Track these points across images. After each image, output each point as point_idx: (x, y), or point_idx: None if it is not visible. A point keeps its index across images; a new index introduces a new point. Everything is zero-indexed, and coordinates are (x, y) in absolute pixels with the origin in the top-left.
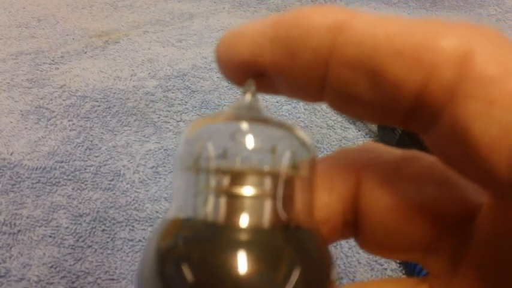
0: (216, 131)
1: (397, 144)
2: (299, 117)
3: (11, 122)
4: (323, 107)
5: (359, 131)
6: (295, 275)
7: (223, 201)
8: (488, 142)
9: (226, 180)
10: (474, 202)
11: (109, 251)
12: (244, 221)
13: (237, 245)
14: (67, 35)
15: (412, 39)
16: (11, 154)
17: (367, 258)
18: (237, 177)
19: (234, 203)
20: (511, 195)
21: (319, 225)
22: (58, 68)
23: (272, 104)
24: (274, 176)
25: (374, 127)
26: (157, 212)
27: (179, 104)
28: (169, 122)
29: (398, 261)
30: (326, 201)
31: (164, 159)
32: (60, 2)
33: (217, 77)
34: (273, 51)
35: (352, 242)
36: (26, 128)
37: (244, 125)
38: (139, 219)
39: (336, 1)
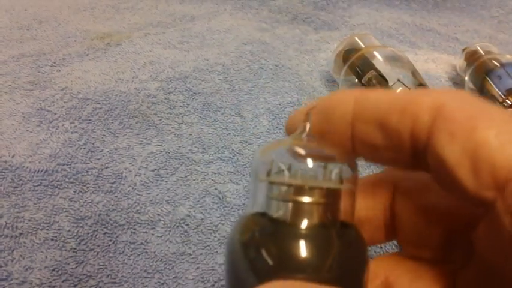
0: (284, 153)
1: None
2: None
3: (13, 125)
4: None
5: None
6: (340, 257)
7: (289, 205)
8: (455, 161)
9: (290, 190)
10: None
11: (111, 254)
12: (303, 220)
13: (298, 236)
14: (69, 37)
15: (403, 99)
16: (13, 157)
17: None
18: (300, 188)
19: (297, 207)
20: (484, 206)
21: (365, 223)
22: (60, 70)
23: (274, 106)
24: (326, 188)
25: None
26: (159, 214)
27: (181, 106)
28: (171, 125)
29: None
30: (370, 205)
31: (166, 161)
32: (61, 4)
33: (219, 79)
34: (317, 121)
35: None
36: (27, 130)
37: (304, 149)
38: (141, 222)
39: (339, 3)
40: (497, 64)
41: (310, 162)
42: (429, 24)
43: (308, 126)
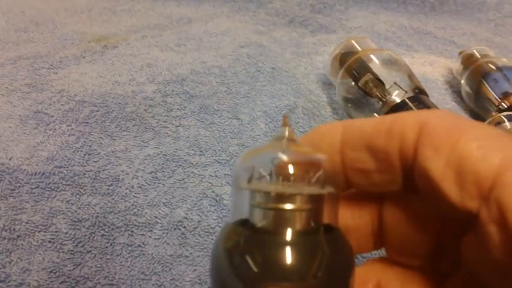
0: (265, 159)
1: None
2: (298, 122)
3: (10, 127)
4: (322, 111)
5: None
6: (325, 263)
7: (271, 212)
8: (439, 174)
9: (272, 196)
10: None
11: (108, 256)
12: (287, 227)
13: (282, 243)
14: (65, 39)
15: (387, 121)
16: (10, 159)
17: None
18: (282, 194)
19: (280, 214)
20: (468, 219)
21: (353, 232)
22: (57, 73)
23: (271, 109)
24: (307, 193)
25: None
26: (156, 217)
27: (178, 108)
28: (168, 127)
29: None
30: (358, 213)
31: (163, 164)
32: (58, 6)
33: (216, 82)
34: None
35: None
36: (24, 133)
37: (285, 155)
38: (138, 225)
39: (336, 6)
40: (494, 67)
41: (291, 168)
42: (426, 28)
43: (288, 130)
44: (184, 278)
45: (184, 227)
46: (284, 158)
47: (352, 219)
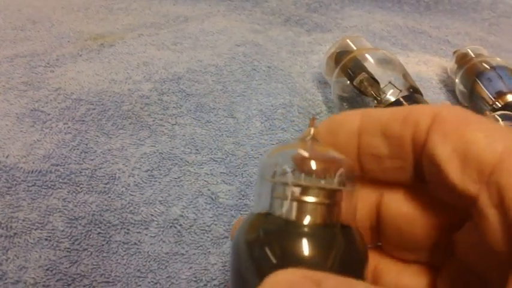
0: (290, 155)
1: None
2: (293, 121)
3: (7, 125)
4: (317, 110)
5: None
6: (340, 256)
7: (293, 204)
8: (445, 158)
9: (294, 190)
10: (463, 218)
11: (104, 254)
12: (306, 219)
13: (301, 235)
14: (62, 37)
15: (403, 110)
16: (7, 157)
17: None
18: (303, 188)
19: (301, 206)
20: (468, 206)
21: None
22: (53, 71)
23: (267, 107)
24: (327, 189)
25: None
26: (152, 215)
27: (174, 107)
28: (164, 125)
29: None
30: (358, 207)
31: (159, 162)
32: (55, 4)
33: (212, 81)
34: (325, 135)
35: None
36: (21, 131)
37: (308, 153)
38: (134, 223)
39: (331, 5)
40: (488, 67)
41: (313, 164)
42: (421, 27)
43: (313, 130)
44: (180, 276)
45: (180, 225)
46: (307, 154)
47: None
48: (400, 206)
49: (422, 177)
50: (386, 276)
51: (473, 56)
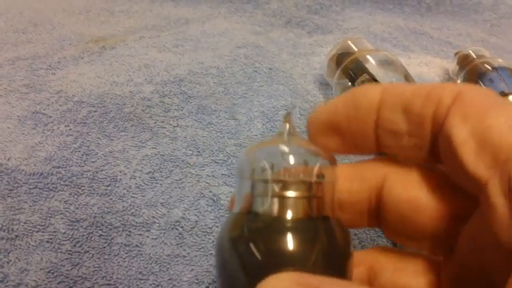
0: (267, 151)
1: None
2: (295, 123)
3: (8, 128)
4: None
5: None
6: (323, 249)
7: (273, 200)
8: (461, 140)
9: (274, 186)
10: (470, 207)
11: (106, 256)
12: (287, 214)
13: (285, 230)
14: (64, 40)
15: (426, 87)
16: (8, 159)
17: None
18: (284, 184)
19: (281, 202)
20: (481, 193)
21: (347, 206)
22: (55, 74)
23: (268, 109)
24: (307, 182)
25: None
26: (153, 217)
27: (175, 109)
28: (165, 128)
29: None
30: (356, 188)
31: (161, 164)
32: (56, 7)
33: (214, 83)
34: (345, 108)
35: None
36: (23, 133)
37: (286, 147)
38: (136, 225)
39: (332, 6)
40: (490, 68)
41: (292, 159)
42: (422, 28)
43: (288, 126)
44: (182, 278)
45: (182, 227)
46: (285, 149)
47: (349, 194)
48: (404, 191)
49: (437, 156)
50: (382, 276)
51: (475, 57)
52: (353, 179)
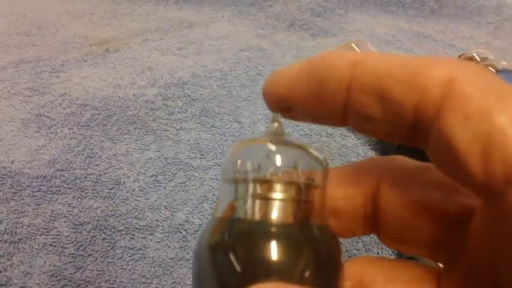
0: (252, 151)
1: (396, 151)
2: (298, 125)
3: (12, 131)
4: None
5: (358, 139)
6: (311, 259)
7: (257, 204)
8: (464, 145)
9: (259, 188)
10: (473, 207)
11: (109, 260)
12: (273, 218)
13: (268, 236)
14: (67, 43)
15: (409, 69)
16: (12, 162)
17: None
18: (268, 186)
19: (266, 206)
20: (489, 195)
21: (342, 214)
22: (58, 76)
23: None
24: (295, 185)
25: None
26: (157, 220)
27: (179, 112)
28: (169, 130)
29: None
30: (351, 195)
31: (164, 167)
32: (60, 9)
33: (217, 85)
34: (307, 84)
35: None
36: (26, 136)
37: (273, 147)
38: (139, 228)
39: (336, 9)
40: (493, 70)
41: (279, 160)
42: (426, 31)
43: (276, 125)
44: (186, 282)
45: (185, 230)
46: (272, 149)
47: (344, 201)
48: (401, 194)
49: (416, 142)
50: None
51: (478, 60)
52: (347, 183)
